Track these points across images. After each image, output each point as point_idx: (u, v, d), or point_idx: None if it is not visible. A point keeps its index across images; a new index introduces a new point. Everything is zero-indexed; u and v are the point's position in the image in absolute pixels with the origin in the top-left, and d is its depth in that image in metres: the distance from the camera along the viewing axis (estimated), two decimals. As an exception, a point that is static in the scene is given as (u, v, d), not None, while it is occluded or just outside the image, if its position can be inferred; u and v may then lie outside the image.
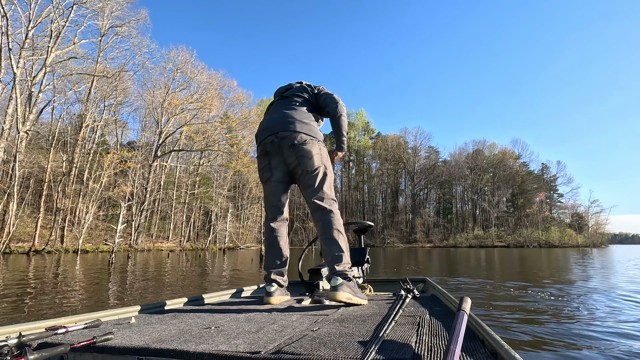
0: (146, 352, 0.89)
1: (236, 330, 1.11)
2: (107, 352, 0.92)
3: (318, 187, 1.87)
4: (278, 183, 1.97)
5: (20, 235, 22.75)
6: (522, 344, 2.29)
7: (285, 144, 1.88)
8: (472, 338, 0.94)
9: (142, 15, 32.19)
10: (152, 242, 31.53)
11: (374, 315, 1.31)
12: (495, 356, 0.78)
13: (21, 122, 23.59)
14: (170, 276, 7.11)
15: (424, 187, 66.59)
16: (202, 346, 0.89)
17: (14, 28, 25.56)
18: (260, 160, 2.00)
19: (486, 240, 52.95)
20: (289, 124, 1.92)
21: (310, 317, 1.31)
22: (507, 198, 62.76)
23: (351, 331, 1.04)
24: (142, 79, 36.91)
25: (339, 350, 0.82)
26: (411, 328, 1.06)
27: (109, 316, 1.43)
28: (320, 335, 0.99)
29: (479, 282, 5.85)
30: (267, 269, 1.93)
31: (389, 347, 0.84)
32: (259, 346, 0.88)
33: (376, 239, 60.43)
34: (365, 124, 70.47)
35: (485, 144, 65.53)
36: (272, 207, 2.01)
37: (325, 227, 1.81)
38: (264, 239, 2.07)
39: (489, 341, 0.85)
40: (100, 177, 24.27)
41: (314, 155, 1.87)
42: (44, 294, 4.52)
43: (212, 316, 1.40)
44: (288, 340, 0.93)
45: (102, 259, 14.29)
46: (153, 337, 1.02)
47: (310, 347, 0.85)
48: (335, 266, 1.72)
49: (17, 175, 21.51)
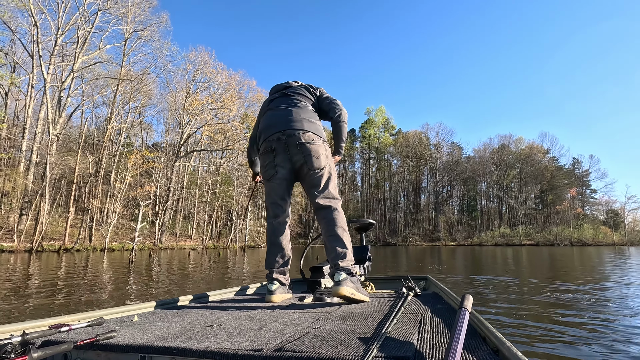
0: (149, 350, 0.89)
1: (238, 328, 1.11)
2: (110, 350, 0.93)
3: (324, 187, 1.88)
4: (282, 180, 1.95)
5: (52, 234, 23.80)
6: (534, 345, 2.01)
7: (292, 142, 1.88)
8: (473, 335, 0.93)
9: (163, 18, 33.00)
10: (176, 241, 32.29)
11: (376, 312, 1.32)
12: (497, 353, 0.77)
13: (52, 126, 24.64)
14: (186, 274, 7.12)
15: (447, 184, 64.97)
16: (205, 344, 0.89)
17: (44, 36, 26.77)
18: (264, 158, 1.98)
19: (513, 238, 50.99)
20: (296, 121, 1.92)
21: (312, 315, 1.31)
22: (536, 194, 60.24)
23: (353, 329, 1.04)
24: (165, 82, 37.88)
25: (341, 348, 0.82)
26: (413, 325, 1.06)
27: (112, 314, 1.44)
28: (322, 332, 0.99)
29: (509, 281, 5.48)
30: (269, 267, 1.93)
31: (390, 345, 0.84)
32: (261, 344, 0.88)
33: (398, 237, 59.55)
34: (385, 121, 69.53)
35: (511, 138, 63.19)
36: (275, 204, 1.99)
37: (330, 225, 1.81)
38: (266, 237, 2.06)
39: (491, 338, 0.85)
40: (125, 178, 25.00)
41: (320, 155, 1.88)
42: (70, 290, 4.62)
43: (215, 314, 1.41)
44: (290, 338, 0.93)
45: (127, 257, 14.68)
46: (156, 335, 1.03)
47: (312, 345, 0.85)
48: (339, 262, 1.72)
49: (48, 177, 22.49)
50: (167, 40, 34.67)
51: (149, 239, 29.38)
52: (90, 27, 28.25)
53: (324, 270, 2.24)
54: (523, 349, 2.16)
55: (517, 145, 62.87)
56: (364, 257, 2.45)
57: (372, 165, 70.33)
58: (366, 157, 70.81)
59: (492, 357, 0.75)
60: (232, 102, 33.14)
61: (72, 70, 26.91)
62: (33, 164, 24.55)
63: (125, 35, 31.09)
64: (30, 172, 24.12)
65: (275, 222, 1.99)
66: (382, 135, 68.99)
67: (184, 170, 37.06)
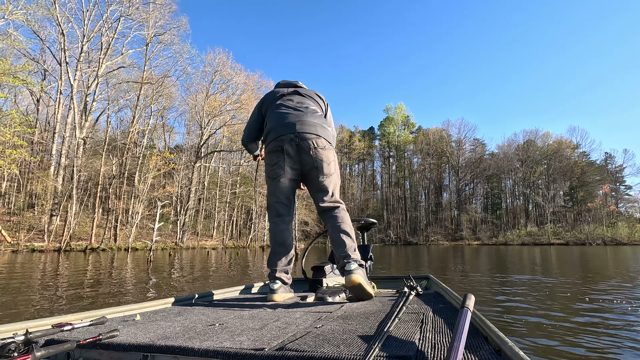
0: (151, 349, 0.90)
1: (240, 327, 1.11)
2: (113, 349, 0.93)
3: (332, 192, 1.92)
4: (289, 181, 1.95)
5: (79, 234, 24.72)
6: None
7: (305, 146, 1.89)
8: (475, 335, 0.93)
9: (182, 22, 33.67)
10: (197, 240, 32.89)
11: (378, 312, 1.31)
12: (499, 353, 0.78)
13: (79, 130, 25.59)
14: (201, 274, 7.10)
15: (470, 182, 63.19)
16: (207, 343, 0.90)
17: (71, 44, 27.85)
18: (272, 156, 1.95)
19: (541, 237, 48.95)
20: (311, 125, 1.94)
21: (313, 314, 1.31)
22: (565, 191, 57.70)
23: (354, 328, 1.04)
24: (186, 84, 38.68)
25: (343, 347, 0.82)
26: (415, 325, 1.06)
27: (115, 313, 1.44)
28: (324, 332, 0.99)
29: (541, 281, 5.12)
30: (272, 266, 1.93)
31: (392, 344, 0.84)
32: (263, 343, 0.88)
33: (419, 237, 58.47)
34: (405, 118, 68.40)
35: (537, 133, 60.73)
36: (280, 204, 1.99)
37: (338, 221, 1.86)
38: (269, 236, 2.07)
39: (493, 338, 0.85)
40: (147, 179, 25.67)
41: (331, 162, 1.93)
42: (93, 287, 4.65)
43: (217, 313, 1.42)
44: (292, 337, 0.93)
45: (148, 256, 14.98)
46: (158, 334, 1.03)
47: (313, 344, 0.85)
48: (350, 253, 1.75)
49: (75, 179, 23.35)
50: (186, 43, 35.41)
51: (171, 239, 30.06)
52: (113, 34, 29.17)
53: (326, 270, 2.25)
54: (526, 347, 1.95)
55: (544, 140, 60.42)
56: (366, 257, 2.44)
57: (392, 163, 69.36)
58: (386, 155, 69.91)
59: (494, 357, 0.74)
60: (250, 103, 33.41)
61: (97, 75, 27.86)
62: (62, 167, 25.61)
63: (147, 40, 31.93)
64: (60, 174, 25.15)
65: (279, 221, 1.99)
66: (402, 132, 67.91)
67: (204, 171, 37.72)
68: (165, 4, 31.67)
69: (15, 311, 3.31)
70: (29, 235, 21.96)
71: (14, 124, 19.55)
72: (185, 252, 20.73)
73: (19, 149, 19.21)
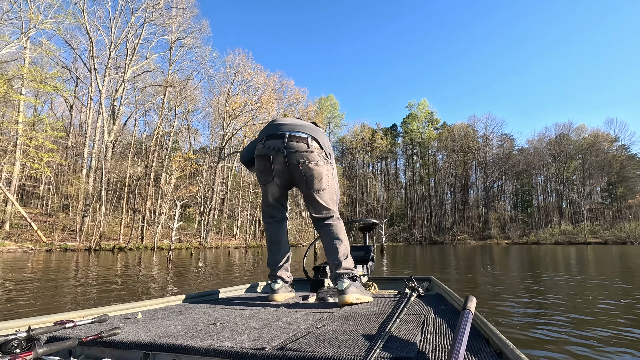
0: (152, 347, 0.90)
1: (241, 326, 1.11)
2: (114, 347, 0.94)
3: (324, 203, 1.84)
4: (278, 187, 1.90)
5: (109, 234, 25.66)
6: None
7: (293, 160, 1.77)
8: (477, 337, 0.93)
9: (203, 26, 34.30)
10: (221, 240, 33.40)
11: (379, 313, 1.30)
12: (500, 355, 0.78)
13: (107, 134, 26.56)
14: (219, 271, 7.03)
15: (498, 179, 60.83)
16: (208, 342, 0.90)
17: (99, 51, 28.97)
18: (261, 163, 1.87)
19: (577, 236, 46.33)
20: (301, 132, 1.82)
21: (314, 315, 1.30)
22: (602, 187, 54.40)
23: (355, 329, 1.04)
24: (209, 87, 39.43)
25: (343, 348, 0.82)
26: (416, 326, 1.05)
27: (117, 311, 1.45)
28: (325, 332, 0.99)
29: (578, 282, 4.64)
30: (271, 266, 1.93)
31: (393, 345, 0.84)
32: (264, 342, 0.88)
33: (445, 236, 56.89)
34: (428, 114, 66.78)
35: (571, 127, 57.58)
36: (271, 207, 1.97)
37: (329, 234, 1.80)
38: (266, 237, 2.07)
39: (494, 340, 0.84)
40: (171, 180, 26.31)
41: (323, 178, 1.82)
42: (121, 284, 4.63)
43: (218, 312, 1.42)
44: (292, 337, 0.93)
45: (174, 255, 15.27)
46: (159, 332, 1.03)
47: (314, 344, 0.85)
48: (341, 267, 1.70)
49: (104, 181, 24.23)
50: (207, 46, 36.06)
51: (196, 238, 30.67)
52: (138, 39, 30.09)
53: (327, 270, 2.21)
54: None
55: (579, 133, 57.23)
56: (368, 257, 2.41)
57: (416, 161, 67.94)
58: (409, 152, 68.56)
59: (495, 359, 0.75)
60: (270, 103, 33.58)
61: (124, 80, 28.82)
62: (93, 169, 26.68)
63: (170, 44, 32.74)
64: (90, 177, 26.21)
65: (273, 221, 1.98)
66: (426, 129, 66.38)
67: (227, 171, 38.30)
68: (187, 8, 32.37)
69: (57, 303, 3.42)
70: (62, 235, 22.98)
71: (46, 129, 20.50)
72: (208, 252, 21.02)
73: (50, 153, 20.10)
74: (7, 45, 18.09)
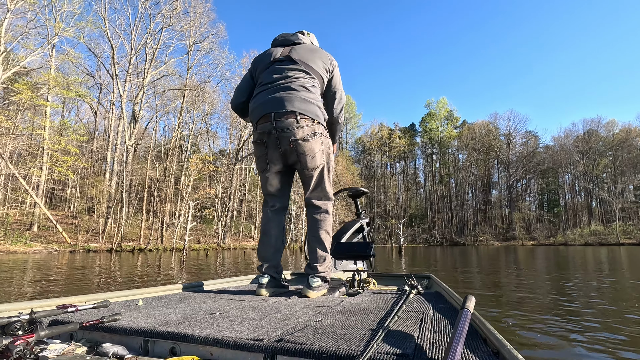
0: (152, 334, 0.92)
1: (240, 317, 1.12)
2: (114, 332, 0.96)
3: (316, 185, 1.81)
4: (276, 173, 1.85)
5: (130, 236, 26.24)
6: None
7: (285, 138, 1.70)
8: (474, 336, 0.93)
9: (220, 29, 34.75)
10: (239, 241, 33.63)
11: (378, 309, 1.32)
12: (498, 355, 0.78)
13: (128, 137, 27.22)
14: (228, 270, 6.92)
15: (522, 178, 58.74)
16: (207, 331, 0.91)
17: (121, 57, 29.80)
18: (256, 149, 1.83)
19: (608, 236, 44.09)
20: (291, 112, 1.69)
21: (313, 308, 1.31)
22: (635, 185, 51.59)
23: (354, 323, 1.04)
24: (226, 90, 39.90)
25: (341, 342, 0.83)
26: (414, 323, 1.06)
27: (118, 297, 1.47)
28: (323, 326, 1.00)
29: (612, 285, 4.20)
30: (259, 259, 1.87)
31: (391, 341, 0.85)
32: (262, 334, 0.89)
33: (467, 237, 55.39)
34: (448, 113, 65.36)
35: (600, 122, 54.95)
36: (270, 195, 1.91)
37: (315, 226, 1.80)
38: (260, 227, 2.01)
39: (492, 340, 0.85)
40: (188, 182, 26.68)
41: (316, 153, 1.75)
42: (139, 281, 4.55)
43: (218, 302, 1.43)
44: (291, 330, 0.95)
45: (196, 255, 15.39)
46: (159, 320, 1.05)
47: (312, 337, 0.86)
48: (318, 267, 1.73)
49: (124, 183, 24.80)
50: (224, 49, 36.52)
51: (214, 240, 30.98)
52: (157, 45, 30.77)
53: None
54: None
55: (609, 129, 54.58)
56: (368, 254, 2.37)
57: (436, 160, 66.61)
58: (428, 152, 67.31)
59: (492, 359, 0.75)
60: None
61: (143, 85, 29.52)
62: (115, 172, 27.41)
63: (188, 48, 33.32)
64: (113, 180, 26.93)
65: (270, 210, 1.90)
66: (445, 128, 65.00)
67: (245, 173, 38.59)
68: (204, 13, 32.86)
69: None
70: (86, 237, 23.66)
71: (69, 133, 21.17)
72: (226, 253, 21.12)
73: (72, 156, 20.72)
74: (32, 53, 18.83)
